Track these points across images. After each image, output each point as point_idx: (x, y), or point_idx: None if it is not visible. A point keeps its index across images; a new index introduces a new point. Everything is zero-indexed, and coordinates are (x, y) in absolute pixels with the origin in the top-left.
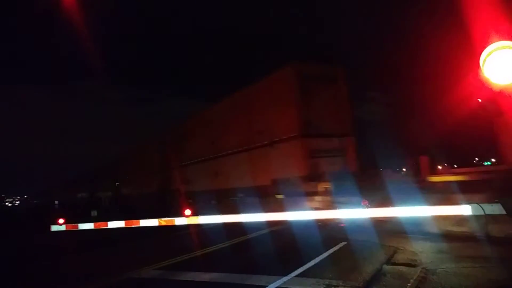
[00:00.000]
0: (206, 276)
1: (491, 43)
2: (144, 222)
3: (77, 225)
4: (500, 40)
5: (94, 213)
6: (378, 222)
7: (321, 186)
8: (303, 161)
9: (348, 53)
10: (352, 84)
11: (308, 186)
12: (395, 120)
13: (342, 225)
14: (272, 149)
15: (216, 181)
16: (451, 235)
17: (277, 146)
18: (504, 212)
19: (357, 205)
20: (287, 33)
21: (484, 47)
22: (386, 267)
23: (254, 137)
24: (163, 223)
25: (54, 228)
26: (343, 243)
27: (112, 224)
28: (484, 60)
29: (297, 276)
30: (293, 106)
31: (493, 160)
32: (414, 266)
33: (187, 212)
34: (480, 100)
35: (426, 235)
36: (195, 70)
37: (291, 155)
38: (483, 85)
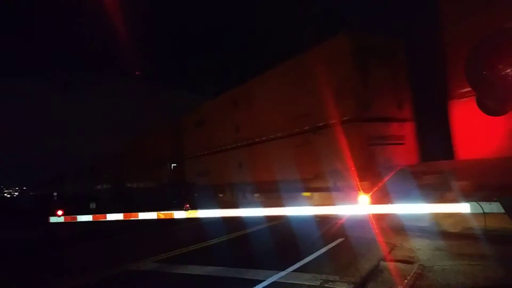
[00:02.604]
0: (204, 270)
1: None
2: (142, 215)
3: (76, 217)
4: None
5: (92, 205)
6: (377, 218)
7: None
8: (357, 150)
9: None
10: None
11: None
12: None
13: (340, 221)
14: (316, 136)
15: (239, 174)
16: (449, 232)
17: (324, 132)
18: (502, 210)
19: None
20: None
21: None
22: (383, 264)
23: (295, 122)
24: (162, 216)
25: (53, 219)
26: (340, 239)
27: (111, 217)
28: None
29: (294, 271)
30: (347, 84)
31: None
32: (411, 263)
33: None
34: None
35: (424, 232)
36: (197, 65)
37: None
38: (486, 83)
